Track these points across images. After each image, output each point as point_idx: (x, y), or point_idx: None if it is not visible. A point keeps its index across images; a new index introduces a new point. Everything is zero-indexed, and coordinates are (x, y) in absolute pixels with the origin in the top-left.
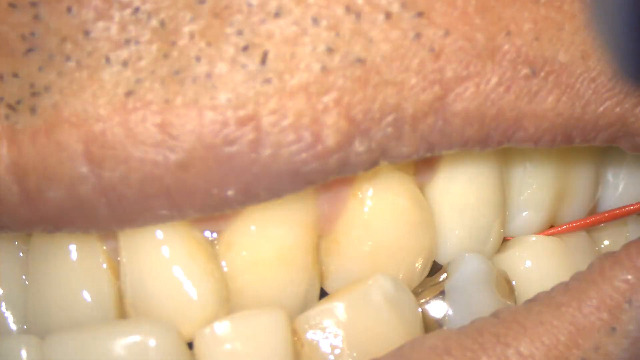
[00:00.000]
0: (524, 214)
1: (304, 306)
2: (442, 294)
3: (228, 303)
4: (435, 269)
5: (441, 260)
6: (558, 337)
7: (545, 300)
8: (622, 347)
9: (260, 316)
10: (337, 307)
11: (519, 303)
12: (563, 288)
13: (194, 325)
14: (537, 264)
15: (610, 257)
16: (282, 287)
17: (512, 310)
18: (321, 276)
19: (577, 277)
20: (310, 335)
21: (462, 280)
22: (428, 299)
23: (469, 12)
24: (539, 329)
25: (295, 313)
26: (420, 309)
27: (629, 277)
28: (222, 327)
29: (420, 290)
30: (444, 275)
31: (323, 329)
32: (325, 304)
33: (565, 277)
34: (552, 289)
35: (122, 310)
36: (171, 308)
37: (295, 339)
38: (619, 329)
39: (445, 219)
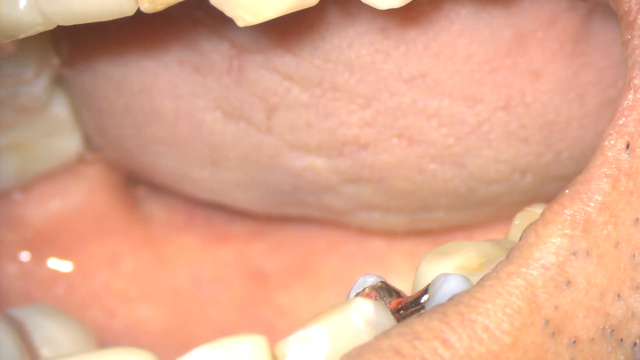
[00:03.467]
0: None
1: None
2: None
3: None
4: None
5: None
6: (517, 304)
7: (494, 274)
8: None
9: (240, 342)
10: (317, 332)
11: None
12: (506, 261)
13: None
14: None
15: (538, 222)
16: None
17: (465, 292)
18: None
19: (514, 249)
20: None
21: (444, 301)
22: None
23: None
24: (497, 300)
25: None
26: None
27: (567, 231)
28: (202, 353)
29: (401, 311)
30: (426, 296)
31: (304, 355)
32: (306, 329)
33: None
34: (496, 267)
35: None
36: None
37: None
38: (572, 282)
39: None
